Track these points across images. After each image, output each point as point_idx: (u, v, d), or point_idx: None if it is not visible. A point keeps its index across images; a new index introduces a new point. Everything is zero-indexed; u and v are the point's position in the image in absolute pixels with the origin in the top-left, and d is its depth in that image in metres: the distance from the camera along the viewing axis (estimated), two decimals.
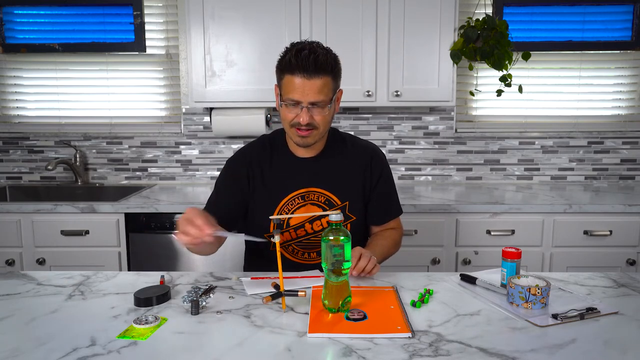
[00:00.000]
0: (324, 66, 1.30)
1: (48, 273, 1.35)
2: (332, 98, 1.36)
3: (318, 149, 1.49)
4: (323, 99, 1.33)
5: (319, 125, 1.36)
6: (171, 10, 2.72)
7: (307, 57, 1.28)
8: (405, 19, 2.33)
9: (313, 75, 1.29)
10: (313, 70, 1.29)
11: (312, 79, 1.30)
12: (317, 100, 1.32)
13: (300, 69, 1.29)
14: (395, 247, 1.55)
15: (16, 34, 2.77)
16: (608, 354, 0.91)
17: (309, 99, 1.31)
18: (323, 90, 1.32)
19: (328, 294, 1.09)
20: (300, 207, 1.46)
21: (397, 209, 1.58)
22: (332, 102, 1.37)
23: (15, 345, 0.94)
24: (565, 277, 1.31)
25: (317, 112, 1.34)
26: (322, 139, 1.48)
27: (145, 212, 2.21)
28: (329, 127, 1.43)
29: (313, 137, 1.39)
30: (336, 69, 1.36)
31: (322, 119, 1.36)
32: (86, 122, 2.82)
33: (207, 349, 0.93)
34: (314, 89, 1.31)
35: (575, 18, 2.71)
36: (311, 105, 1.33)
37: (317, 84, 1.31)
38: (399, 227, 1.60)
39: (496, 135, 2.78)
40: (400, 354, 0.90)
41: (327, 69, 1.31)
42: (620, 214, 2.19)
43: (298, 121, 1.34)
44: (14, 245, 2.23)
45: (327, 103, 1.35)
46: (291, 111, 1.35)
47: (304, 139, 1.38)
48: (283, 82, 1.35)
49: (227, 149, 2.80)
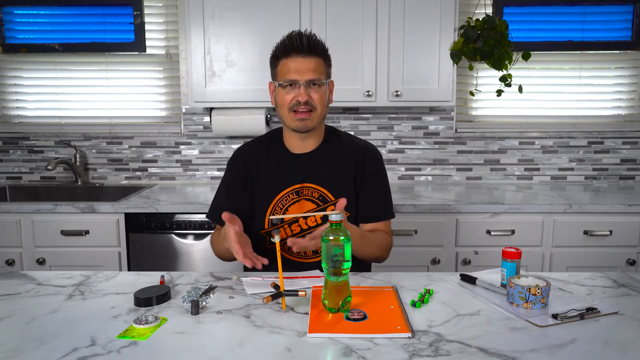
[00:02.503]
0: (317, 47, 1.38)
1: (48, 273, 1.35)
2: (325, 81, 1.42)
3: (314, 145, 1.50)
4: (319, 77, 1.39)
5: (316, 105, 1.40)
6: (171, 10, 2.72)
7: (300, 37, 1.36)
8: (405, 19, 2.33)
9: (307, 54, 1.37)
10: (307, 49, 1.37)
11: (306, 57, 1.37)
12: (314, 77, 1.38)
13: (295, 49, 1.36)
14: (379, 249, 1.47)
15: (16, 34, 2.77)
16: (608, 354, 0.91)
17: (306, 77, 1.37)
18: (318, 69, 1.39)
19: (328, 294, 1.08)
20: (294, 202, 1.46)
21: (387, 212, 1.53)
22: (326, 83, 1.42)
23: (15, 345, 0.94)
24: (565, 277, 1.31)
25: (314, 90, 1.39)
26: (318, 134, 1.49)
27: (145, 212, 2.21)
28: (325, 112, 1.46)
29: (312, 120, 1.41)
30: (327, 55, 1.43)
31: (319, 99, 1.40)
32: (86, 122, 2.82)
33: (207, 349, 0.93)
34: (310, 67, 1.37)
35: (575, 18, 2.71)
36: (308, 84, 1.38)
37: (312, 63, 1.38)
38: (388, 232, 1.53)
39: (496, 135, 2.78)
40: (400, 354, 0.90)
41: (319, 50, 1.39)
42: (620, 214, 2.19)
43: (297, 100, 1.38)
44: (14, 245, 2.23)
45: (323, 82, 1.40)
46: (289, 92, 1.39)
47: (303, 121, 1.40)
48: (279, 68, 1.40)
49: (227, 149, 2.80)
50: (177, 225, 2.22)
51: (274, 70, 1.43)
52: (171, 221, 2.22)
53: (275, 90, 1.43)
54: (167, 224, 2.22)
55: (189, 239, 2.23)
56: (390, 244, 1.53)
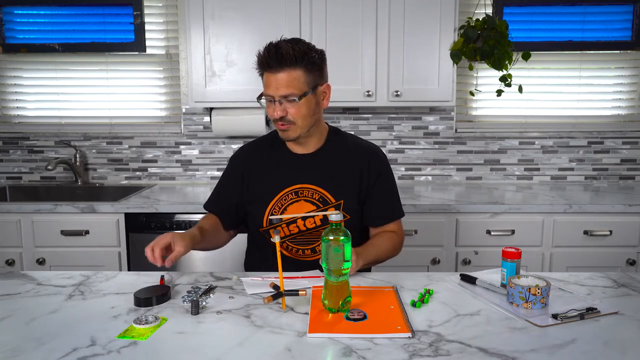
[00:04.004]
0: (288, 59, 1.32)
1: (48, 273, 1.35)
2: (306, 92, 1.36)
3: (315, 146, 1.49)
4: (292, 92, 1.35)
5: (294, 119, 1.38)
6: (171, 10, 2.72)
7: (270, 51, 1.33)
8: (405, 19, 2.33)
9: (278, 69, 1.33)
10: (276, 64, 1.33)
11: (277, 72, 1.34)
12: (286, 93, 1.35)
13: (266, 65, 1.35)
14: (393, 250, 1.49)
15: (16, 34, 2.77)
16: (608, 354, 0.91)
17: (279, 93, 1.35)
18: (292, 83, 1.34)
19: (328, 294, 1.09)
20: (293, 202, 1.46)
21: (398, 212, 1.54)
22: (306, 95, 1.36)
23: (15, 345, 0.94)
24: (565, 277, 1.32)
25: (290, 105, 1.37)
26: (318, 135, 1.49)
27: (145, 212, 2.21)
28: (310, 121, 1.41)
29: (294, 131, 1.41)
30: (307, 61, 1.34)
31: (296, 112, 1.37)
32: (86, 122, 2.82)
33: (207, 349, 0.93)
34: (282, 83, 1.34)
35: (575, 18, 2.71)
36: (283, 99, 1.36)
37: (284, 78, 1.34)
38: (399, 231, 1.54)
39: (496, 135, 2.78)
40: (400, 354, 0.90)
41: (292, 62, 1.32)
42: (620, 214, 2.19)
43: (273, 115, 1.39)
44: (14, 245, 2.23)
45: (298, 96, 1.35)
46: (269, 107, 1.40)
47: (284, 132, 1.42)
48: (262, 80, 1.41)
49: (227, 149, 2.80)
50: (177, 225, 2.22)
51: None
52: (171, 221, 2.22)
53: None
54: (167, 224, 2.22)
55: None
56: (399, 242, 1.53)
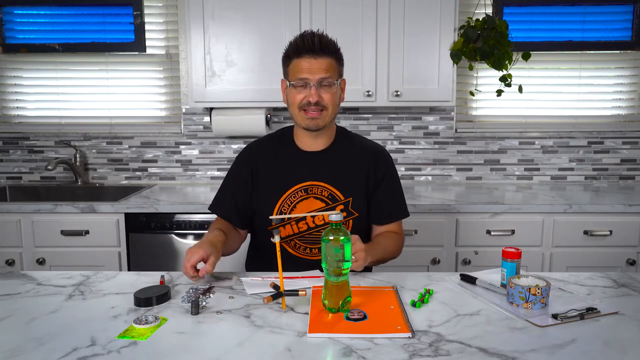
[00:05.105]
0: (329, 46, 1.39)
1: (48, 273, 1.35)
2: (338, 79, 1.42)
3: (325, 144, 1.50)
4: (330, 76, 1.39)
5: (327, 105, 1.40)
6: (171, 10, 2.72)
7: (312, 37, 1.37)
8: (405, 19, 2.33)
9: (319, 53, 1.37)
10: (319, 49, 1.37)
11: (318, 57, 1.37)
12: (325, 76, 1.38)
13: (307, 49, 1.37)
14: (396, 251, 1.51)
15: (16, 34, 2.77)
16: (608, 354, 0.91)
17: (317, 76, 1.38)
18: (329, 69, 1.39)
19: (328, 294, 1.09)
20: (302, 199, 1.46)
21: (402, 211, 1.56)
22: (338, 83, 1.42)
23: (15, 345, 0.94)
24: (565, 277, 1.31)
25: (325, 90, 1.39)
26: (330, 132, 1.50)
27: (145, 212, 2.21)
28: (337, 111, 1.46)
29: (323, 119, 1.42)
30: (339, 54, 1.43)
31: (330, 98, 1.40)
32: (86, 122, 2.82)
33: (207, 349, 0.93)
34: (322, 67, 1.38)
35: (575, 18, 2.71)
36: (319, 84, 1.38)
37: (324, 63, 1.38)
38: (401, 232, 1.56)
39: (496, 135, 2.78)
40: (400, 354, 0.90)
41: (331, 50, 1.40)
42: (620, 214, 2.19)
43: (308, 100, 1.39)
44: (14, 245, 2.23)
45: (334, 82, 1.40)
46: (300, 92, 1.40)
47: (314, 120, 1.41)
48: (290, 67, 1.41)
49: (227, 149, 2.80)
50: (177, 225, 2.22)
51: (286, 69, 1.44)
52: (171, 221, 2.22)
53: (287, 89, 1.44)
54: (167, 224, 2.22)
55: (189, 239, 2.22)
56: (401, 243, 1.54)
